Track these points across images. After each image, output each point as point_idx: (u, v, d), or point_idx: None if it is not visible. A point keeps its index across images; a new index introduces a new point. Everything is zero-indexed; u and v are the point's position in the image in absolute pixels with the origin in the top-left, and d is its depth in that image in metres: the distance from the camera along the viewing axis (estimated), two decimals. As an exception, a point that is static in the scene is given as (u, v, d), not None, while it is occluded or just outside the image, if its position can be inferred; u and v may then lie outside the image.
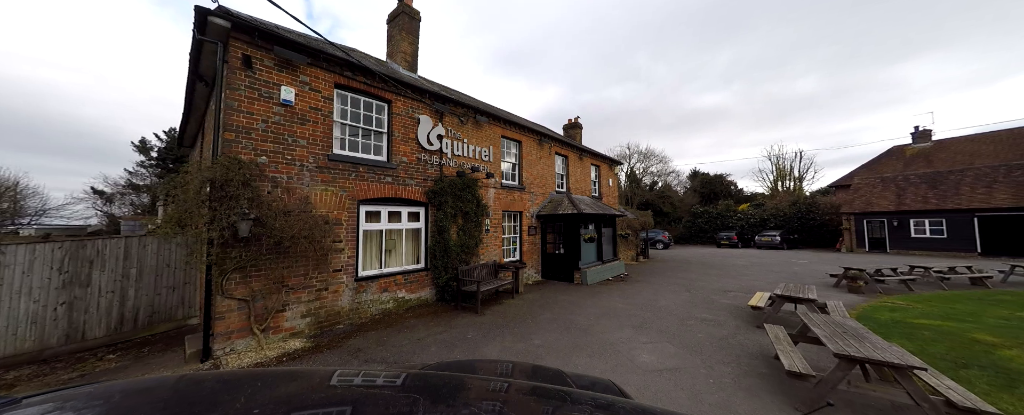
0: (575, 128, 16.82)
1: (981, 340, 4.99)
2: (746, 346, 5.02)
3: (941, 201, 18.75)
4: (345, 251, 5.86)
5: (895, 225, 20.18)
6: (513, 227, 10.11)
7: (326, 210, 5.66)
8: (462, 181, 7.80)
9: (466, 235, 7.81)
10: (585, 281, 9.67)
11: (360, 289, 6.06)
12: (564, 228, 10.35)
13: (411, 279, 6.93)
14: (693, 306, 7.39)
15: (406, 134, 7.07)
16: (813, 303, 5.51)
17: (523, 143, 10.44)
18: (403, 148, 6.99)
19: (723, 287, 9.62)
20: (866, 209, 21.21)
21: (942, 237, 18.50)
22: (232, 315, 4.61)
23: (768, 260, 16.67)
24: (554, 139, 11.78)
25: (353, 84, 6.20)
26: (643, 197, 33.68)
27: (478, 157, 8.72)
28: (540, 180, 11.08)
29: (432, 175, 7.50)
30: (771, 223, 26.79)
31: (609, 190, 16.06)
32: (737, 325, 6.03)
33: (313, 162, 5.57)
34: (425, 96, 7.41)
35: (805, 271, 13.11)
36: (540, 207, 10.88)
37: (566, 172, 12.78)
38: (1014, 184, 17.11)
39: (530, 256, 10.32)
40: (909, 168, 23.79)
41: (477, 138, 8.77)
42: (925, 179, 20.43)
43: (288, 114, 5.34)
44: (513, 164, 10.32)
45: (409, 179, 7.03)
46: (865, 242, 21.35)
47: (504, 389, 1.20)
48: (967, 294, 8.86)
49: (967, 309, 7.21)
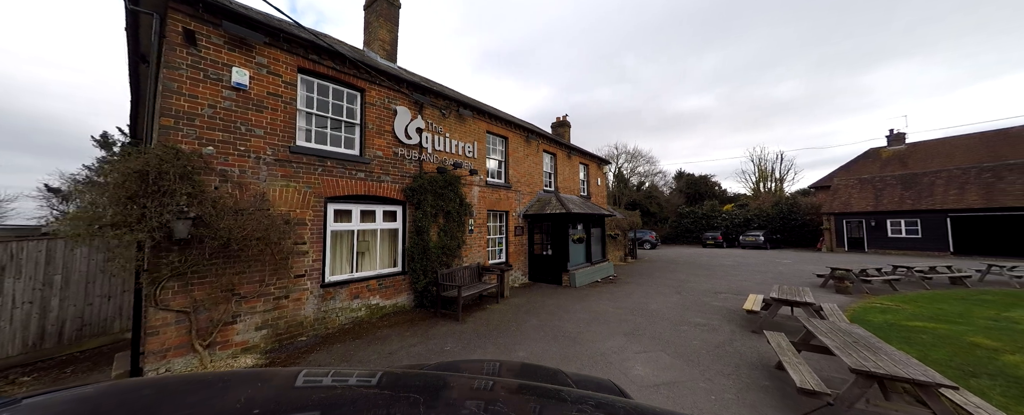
0: (563, 126, 16.49)
1: (980, 344, 4.82)
2: (744, 354, 4.71)
3: (916, 202, 19.29)
4: (310, 254, 5.27)
5: (873, 225, 20.69)
6: (499, 227, 9.64)
7: (287, 208, 5.05)
8: (443, 178, 7.28)
9: (448, 236, 7.30)
10: (573, 283, 9.29)
11: (327, 296, 5.47)
12: (552, 228, 9.95)
13: (386, 284, 6.37)
14: (685, 309, 7.09)
15: (381, 126, 6.51)
16: (810, 306, 5.26)
17: (509, 139, 9.98)
18: (378, 142, 6.43)
19: (713, 288, 9.41)
20: (845, 210, 21.69)
21: (917, 237, 19.04)
22: (169, 330, 3.98)
23: (753, 260, 16.75)
24: (542, 136, 11.38)
25: (320, 69, 5.61)
26: (631, 197, 33.76)
27: (461, 153, 8.21)
28: (527, 178, 10.65)
29: (411, 171, 6.96)
30: (755, 223, 27.20)
31: (598, 189, 15.79)
32: (732, 330, 5.73)
33: (272, 154, 4.96)
34: (402, 86, 6.86)
35: (790, 271, 13.12)
36: (527, 206, 10.45)
37: (554, 170, 12.40)
38: (984, 186, 17.73)
39: (517, 257, 9.88)
40: (885, 170, 24.51)
41: (460, 133, 8.26)
42: (901, 180, 21.03)
43: (242, 100, 4.72)
44: (499, 161, 9.85)
45: (384, 175, 6.46)
46: (844, 242, 21.84)
47: (504, 389, 1.17)
48: (950, 294, 8.90)
49: (954, 309, 7.16)
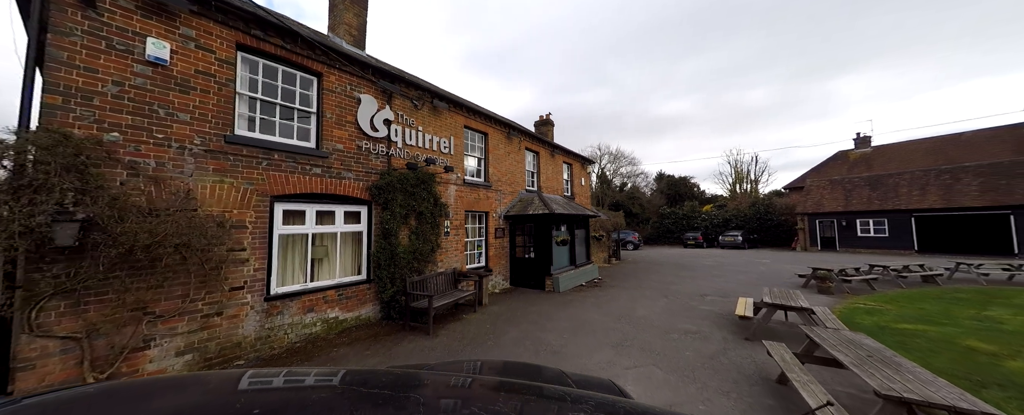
0: (547, 125, 16.06)
1: (977, 349, 4.64)
2: (742, 367, 4.31)
3: (883, 202, 20.10)
4: (251, 262, 4.48)
5: (843, 225, 21.43)
6: (478, 229, 9.03)
7: (221, 209, 4.26)
8: (416, 175, 6.61)
9: (420, 239, 6.62)
10: (557, 288, 8.79)
11: (273, 311, 4.69)
12: (535, 230, 9.43)
13: (348, 294, 5.63)
14: (673, 315, 6.72)
15: (342, 116, 5.77)
16: (805, 311, 4.95)
17: (489, 136, 9.39)
18: (338, 133, 5.69)
19: (699, 291, 9.16)
20: (818, 210, 22.38)
21: (884, 236, 19.81)
22: (50, 361, 3.14)
23: (734, 260, 16.88)
24: (524, 133, 10.86)
25: (265, 47, 4.83)
26: (613, 198, 33.87)
27: (436, 149, 7.55)
28: (509, 177, 10.09)
29: (377, 167, 6.24)
30: (733, 223, 27.78)
31: (582, 190, 15.44)
32: (725, 338, 5.37)
33: (201, 144, 4.16)
34: (367, 71, 6.15)
35: (771, 271, 13.19)
36: (509, 207, 9.89)
37: (537, 169, 11.91)
38: (943, 187, 18.64)
39: (497, 261, 9.29)
40: (853, 171, 25.55)
41: (435, 127, 7.60)
42: (868, 182, 21.90)
43: (161, 78, 3.92)
44: (478, 159, 9.25)
45: (346, 171, 5.73)
46: (817, 241, 22.53)
47: (504, 389, 1.17)
48: (926, 292, 9.02)
49: (936, 309, 7.15)
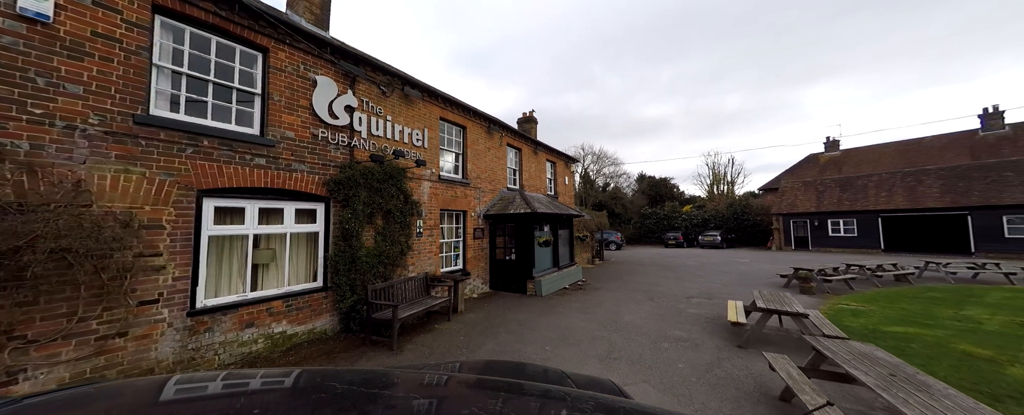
0: (530, 123, 15.57)
1: (973, 354, 4.44)
2: (740, 381, 3.91)
3: (852, 203, 20.83)
4: (169, 270, 3.70)
5: (816, 225, 22.09)
6: (455, 230, 8.39)
7: (128, 204, 3.47)
8: (383, 169, 5.92)
9: (387, 241, 5.93)
10: (539, 292, 8.28)
11: (199, 327, 3.91)
12: (516, 230, 8.89)
13: (299, 304, 4.88)
14: (661, 320, 6.33)
15: (294, 100, 5.02)
16: (801, 317, 4.64)
17: (468, 129, 8.78)
18: (289, 119, 4.94)
19: (684, 292, 8.89)
20: (792, 210, 23.01)
21: (854, 235, 20.53)
22: None
23: (714, 260, 16.96)
24: (506, 129, 10.30)
25: (193, 12, 4.04)
26: (596, 198, 33.88)
27: (408, 141, 6.87)
28: (489, 174, 9.50)
29: (338, 159, 5.52)
30: (712, 223, 28.28)
31: (565, 189, 15.05)
32: (718, 346, 4.99)
33: (100, 124, 3.36)
34: (326, 50, 5.41)
35: (751, 270, 13.22)
36: (489, 206, 9.30)
37: (519, 167, 11.38)
38: (907, 189, 19.49)
39: (476, 263, 8.68)
40: (824, 173, 26.51)
41: (407, 117, 6.92)
42: (838, 183, 22.69)
43: (41, 37, 3.10)
44: (456, 154, 8.61)
45: (298, 163, 4.98)
46: (791, 240, 23.16)
47: (504, 389, 1.13)
48: (901, 291, 9.12)
49: (916, 309, 7.12)
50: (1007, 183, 16.54)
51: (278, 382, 1.04)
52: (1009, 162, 17.43)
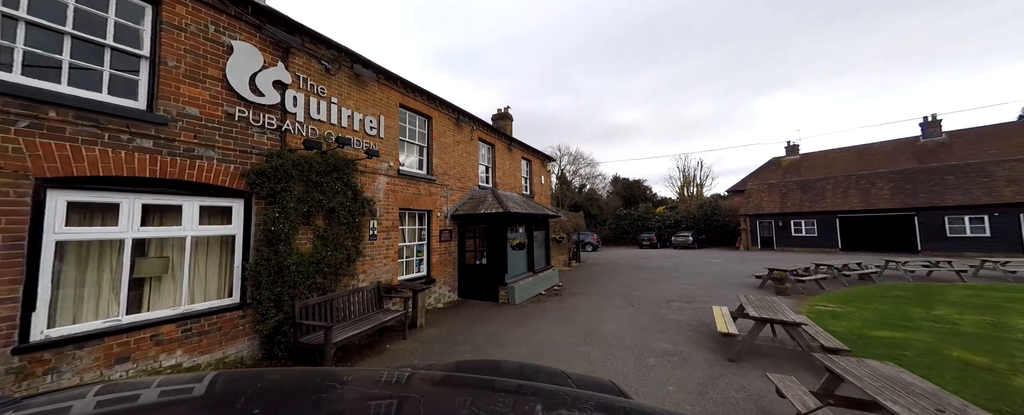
0: (504, 119, 14.85)
1: (970, 362, 4.18)
2: (739, 406, 3.36)
3: (813, 204, 21.80)
4: (-19, 290, 2.60)
5: (780, 225, 22.96)
6: (418, 231, 7.48)
7: (-99, 197, 2.36)
8: (325, 160, 4.95)
9: (330, 246, 4.96)
10: (512, 299, 7.54)
11: (35, 369, 2.82)
12: (488, 232, 8.11)
13: (202, 328, 3.83)
14: (644, 330, 5.78)
15: (200, 68, 3.98)
16: (796, 327, 4.20)
17: (434, 120, 7.90)
18: (191, 92, 3.89)
19: (664, 296, 8.49)
20: (758, 212, 23.81)
21: (814, 235, 21.47)
22: None
23: (688, 261, 17.02)
24: (478, 122, 9.51)
25: (34, -65, 2.96)
26: (573, 199, 33.76)
27: (360, 128, 5.92)
28: (458, 171, 8.66)
29: (263, 146, 4.50)
30: (683, 224, 28.88)
31: (542, 188, 14.45)
32: (708, 360, 4.47)
33: None
34: (246, 9, 4.38)
35: (725, 271, 13.21)
36: (457, 205, 8.46)
37: (492, 164, 10.61)
38: (861, 191, 20.62)
39: (442, 269, 7.81)
40: (786, 176, 27.76)
41: (358, 101, 5.96)
42: (800, 186, 23.74)
43: None
44: (420, 147, 7.71)
45: (205, 148, 3.94)
46: (758, 241, 23.96)
47: (504, 389, 1.13)
48: (869, 291, 9.24)
49: (889, 309, 7.06)
50: (948, 186, 17.80)
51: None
52: (950, 167, 18.82)
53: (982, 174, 17.24)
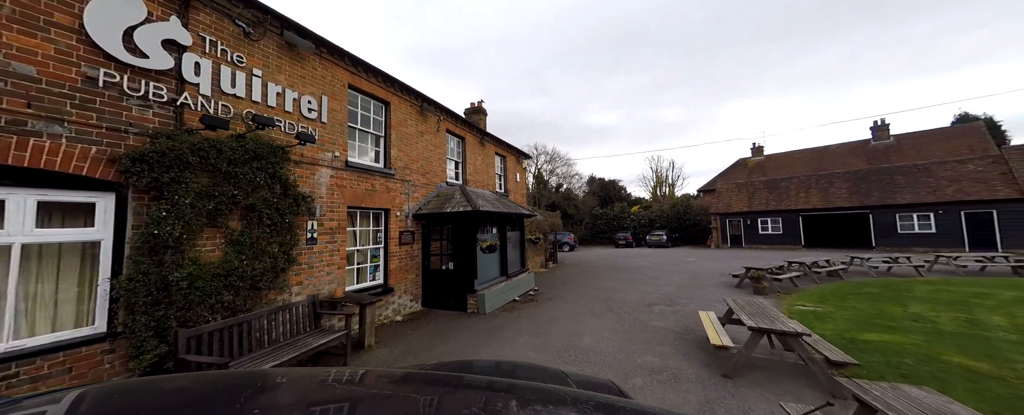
0: (478, 114, 14.01)
1: (975, 370, 3.87)
2: (747, 440, 2.76)
3: (778, 203, 22.61)
4: None
5: (748, 224, 23.66)
6: (374, 234, 6.52)
7: None
8: (242, 146, 3.94)
9: (247, 253, 3.95)
10: (482, 308, 6.74)
11: None
12: (455, 233, 7.26)
13: (36, 372, 2.75)
14: (627, 340, 5.19)
15: (38, 10, 2.89)
16: (799, 338, 3.71)
17: (393, 107, 6.96)
18: (23, 41, 2.79)
19: (644, 299, 8.02)
20: (728, 210, 24.45)
21: (780, 233, 22.26)
22: None
23: (664, 260, 16.98)
24: (445, 112, 8.63)
25: None
26: (550, 198, 33.43)
27: (294, 110, 4.90)
28: (422, 165, 7.75)
29: (145, 123, 3.43)
30: (658, 223, 29.28)
31: (517, 186, 13.74)
32: (700, 378, 3.91)
33: None
34: (118, -58, 3.30)
35: (700, 270, 13.12)
36: (421, 203, 7.55)
37: (463, 159, 9.76)
38: (821, 190, 21.59)
39: (403, 276, 6.88)
40: (752, 176, 28.81)
41: (292, 77, 4.95)
42: (766, 185, 24.60)
43: None
44: (376, 137, 6.75)
45: (47, 122, 2.85)
46: (727, 239, 24.59)
47: (504, 389, 1.11)
48: (841, 288, 9.29)
49: (868, 308, 6.94)
50: (898, 186, 18.92)
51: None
52: (898, 167, 20.05)
53: (927, 174, 18.44)
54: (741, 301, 5.17)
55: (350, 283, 5.87)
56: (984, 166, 17.11)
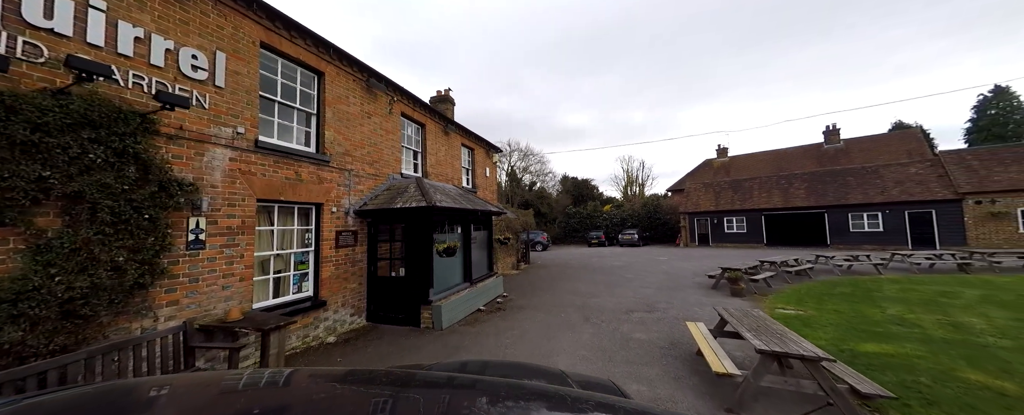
0: (445, 103, 12.83)
1: (998, 388, 3.39)
2: None
3: (743, 203, 23.26)
4: None
5: (715, 223, 24.20)
6: (301, 234, 5.24)
7: None
8: (63, 109, 2.63)
9: (71, 263, 2.64)
10: (439, 323, 5.66)
11: None
12: (407, 233, 6.12)
13: None
14: (609, 361, 4.37)
15: None
16: (820, 364, 3.03)
17: (328, 79, 5.68)
18: None
19: (622, 305, 7.33)
20: (696, 209, 24.89)
21: (744, 231, 22.91)
22: None
23: (637, 259, 16.72)
24: (401, 93, 7.42)
25: None
26: (523, 197, 32.69)
27: (168, 64, 3.57)
28: (369, 152, 6.52)
29: None
30: (629, 223, 29.42)
31: (487, 182, 12.71)
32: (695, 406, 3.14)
33: None
34: None
35: (675, 270, 12.82)
36: (368, 198, 6.33)
37: (423, 148, 8.58)
38: (781, 190, 22.43)
39: (341, 285, 5.65)
40: (718, 176, 29.69)
41: (168, 21, 3.61)
42: (731, 185, 25.31)
43: None
44: (307, 115, 5.46)
45: None
46: (695, 237, 25.06)
47: (504, 389, 1.08)
48: (814, 287, 9.21)
49: (846, 310, 6.69)
50: (850, 187, 19.95)
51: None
52: (850, 169, 21.20)
53: (875, 176, 19.58)
54: (735, 311, 4.52)
55: (263, 298, 4.58)
56: (924, 169, 18.38)
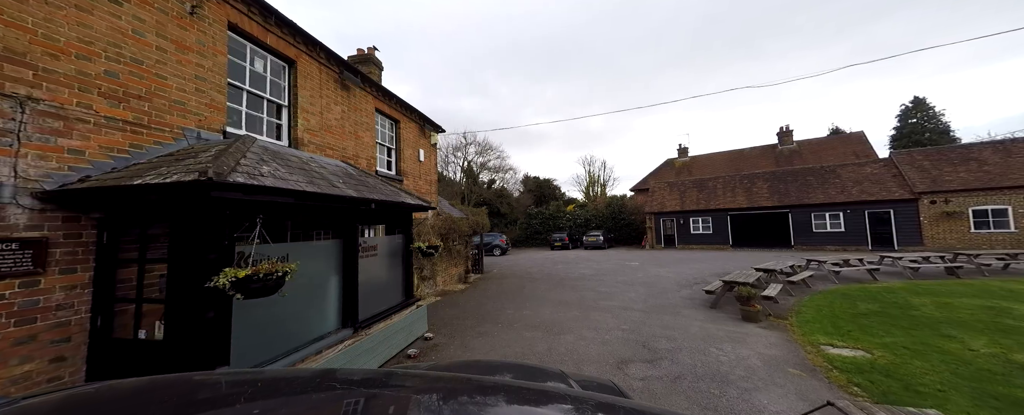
0: (368, 64, 9.50)
1: None
2: None
3: (708, 203, 22.38)
4: None
5: (681, 223, 23.12)
6: None
7: None
8: None
9: None
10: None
11: None
12: (177, 243, 2.83)
13: None
14: None
15: None
16: None
17: None
18: None
19: (607, 347, 4.75)
20: (661, 210, 23.68)
21: (710, 232, 21.99)
22: None
23: (606, 265, 14.62)
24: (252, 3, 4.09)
25: None
26: (481, 195, 29.66)
27: None
28: (106, 71, 3.16)
29: None
30: (594, 223, 27.74)
31: (421, 169, 9.54)
32: None
33: None
34: None
35: (653, 279, 10.69)
36: (106, 167, 2.96)
37: (291, 101, 5.28)
38: (745, 190, 21.85)
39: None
40: (680, 176, 29.09)
41: None
42: (696, 185, 24.49)
43: None
44: None
45: None
46: (661, 239, 23.84)
47: (504, 388, 1.10)
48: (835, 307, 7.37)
49: (914, 343, 4.63)
50: (810, 187, 19.66)
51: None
52: (809, 169, 21.07)
53: (834, 176, 19.46)
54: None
55: None
56: (878, 169, 18.45)
